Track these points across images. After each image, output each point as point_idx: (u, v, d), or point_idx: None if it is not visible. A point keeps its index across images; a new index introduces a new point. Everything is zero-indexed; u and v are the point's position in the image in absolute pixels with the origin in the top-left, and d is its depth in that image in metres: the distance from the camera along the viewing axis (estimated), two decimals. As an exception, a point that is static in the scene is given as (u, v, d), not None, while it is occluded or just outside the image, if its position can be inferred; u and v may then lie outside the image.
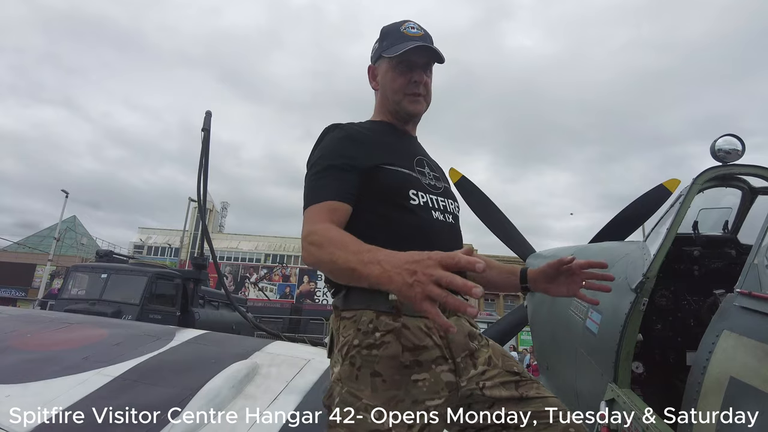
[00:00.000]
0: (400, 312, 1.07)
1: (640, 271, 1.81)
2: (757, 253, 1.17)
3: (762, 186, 2.01)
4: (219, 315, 10.03)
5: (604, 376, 1.84)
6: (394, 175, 1.15)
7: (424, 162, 1.26)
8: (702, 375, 1.15)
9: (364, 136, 1.20)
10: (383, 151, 1.19)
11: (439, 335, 1.09)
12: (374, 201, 1.13)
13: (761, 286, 1.08)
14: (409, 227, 1.12)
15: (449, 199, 1.25)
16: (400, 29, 1.25)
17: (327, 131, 1.23)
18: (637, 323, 1.75)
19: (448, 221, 1.20)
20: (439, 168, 1.35)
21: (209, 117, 6.77)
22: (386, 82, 1.28)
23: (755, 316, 1.06)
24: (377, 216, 1.13)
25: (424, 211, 1.15)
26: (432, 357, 1.06)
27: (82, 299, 7.97)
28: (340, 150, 1.15)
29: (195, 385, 2.01)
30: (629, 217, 3.64)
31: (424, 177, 1.22)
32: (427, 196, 1.17)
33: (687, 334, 2.05)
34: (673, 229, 1.83)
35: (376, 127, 1.29)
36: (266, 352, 2.49)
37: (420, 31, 1.25)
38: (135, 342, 2.61)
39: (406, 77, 1.24)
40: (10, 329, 2.77)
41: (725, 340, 1.12)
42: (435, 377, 1.04)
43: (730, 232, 2.24)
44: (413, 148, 1.29)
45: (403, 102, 1.26)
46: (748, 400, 0.97)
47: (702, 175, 1.93)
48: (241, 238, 38.98)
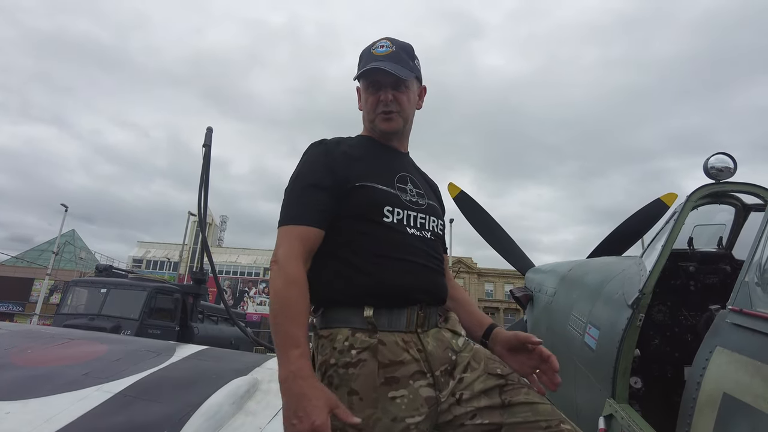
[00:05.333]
0: (376, 328, 1.09)
1: (636, 287, 1.84)
2: (748, 271, 1.20)
3: (755, 203, 2.05)
4: (218, 330, 9.98)
5: (603, 391, 1.85)
6: (370, 193, 1.17)
7: (407, 178, 1.27)
8: (696, 391, 1.17)
9: (344, 154, 1.22)
10: (362, 168, 1.20)
11: (416, 348, 1.10)
12: (351, 218, 1.15)
13: (752, 303, 1.11)
14: (382, 243, 1.14)
15: (431, 216, 1.25)
16: (371, 50, 1.28)
17: (309, 148, 1.26)
18: (633, 339, 1.77)
19: (426, 237, 1.21)
20: (427, 184, 1.36)
21: (210, 133, 6.84)
22: (362, 103, 1.31)
23: (746, 333, 1.08)
24: (354, 232, 1.15)
25: (399, 226, 1.16)
26: (409, 372, 1.06)
27: (81, 314, 7.95)
28: (319, 169, 1.18)
29: (196, 402, 2.00)
30: (627, 232, 3.68)
31: (405, 193, 1.22)
32: (404, 212, 1.18)
33: (684, 348, 2.07)
34: (668, 246, 1.87)
35: (362, 142, 1.31)
36: (266, 368, 2.49)
37: (388, 49, 1.26)
38: (135, 358, 2.61)
39: (376, 97, 1.26)
40: (10, 345, 2.77)
41: (718, 357, 1.14)
42: (413, 393, 1.04)
43: (725, 248, 2.28)
44: (397, 163, 1.30)
45: (375, 121, 1.28)
46: (741, 416, 0.99)
47: (695, 193, 1.97)
48: (240, 252, 38.95)
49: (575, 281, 2.77)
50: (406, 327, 1.11)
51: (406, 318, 1.11)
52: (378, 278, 1.11)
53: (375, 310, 1.09)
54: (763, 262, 1.15)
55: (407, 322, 1.11)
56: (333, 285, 1.12)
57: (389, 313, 1.10)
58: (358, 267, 1.12)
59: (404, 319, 1.11)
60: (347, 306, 1.11)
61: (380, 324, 1.09)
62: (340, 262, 1.13)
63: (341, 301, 1.12)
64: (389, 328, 1.09)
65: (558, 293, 2.88)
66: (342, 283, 1.12)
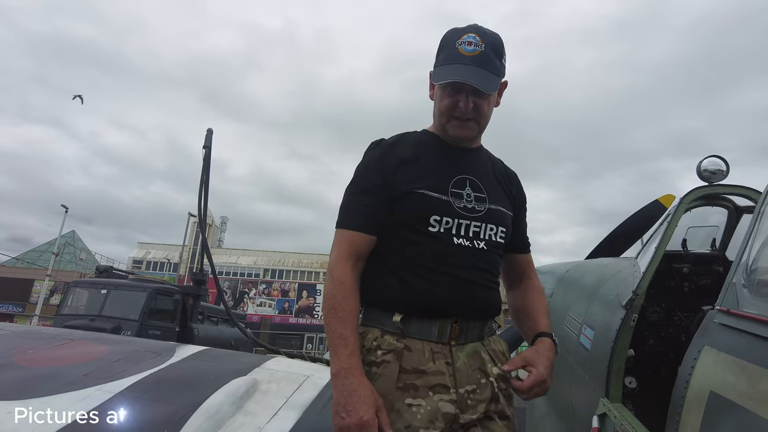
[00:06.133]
0: (405, 333, 1.09)
1: (630, 288, 1.86)
2: (735, 272, 1.22)
3: (746, 205, 2.08)
4: (218, 331, 9.99)
5: (597, 390, 1.88)
6: (418, 201, 1.13)
7: (465, 182, 1.18)
8: (685, 389, 1.20)
9: (397, 157, 1.17)
10: (415, 172, 1.16)
11: (445, 361, 1.08)
12: (398, 224, 1.14)
13: (738, 303, 1.14)
14: (422, 253, 1.12)
15: (489, 223, 1.17)
16: (456, 44, 1.13)
17: (367, 150, 1.23)
18: (627, 339, 1.80)
19: (477, 247, 1.15)
20: (497, 181, 1.26)
21: (210, 135, 6.89)
22: (436, 99, 1.21)
23: (733, 333, 1.11)
24: (399, 240, 1.14)
25: (445, 236, 1.12)
26: (431, 383, 1.04)
27: (81, 315, 7.97)
28: (371, 174, 1.16)
29: (195, 402, 2.02)
30: (624, 233, 3.69)
31: (459, 200, 1.15)
32: (454, 221, 1.13)
33: (678, 349, 2.09)
34: (661, 247, 1.89)
35: (423, 140, 1.24)
36: (265, 369, 2.49)
37: (477, 48, 1.11)
38: (135, 358, 2.62)
39: (453, 100, 1.15)
40: (11, 346, 2.79)
41: (706, 356, 1.17)
42: (432, 405, 1.02)
43: (718, 250, 2.30)
44: (458, 165, 1.20)
45: (447, 125, 1.19)
46: (726, 414, 1.02)
47: (688, 195, 2.00)
48: (240, 253, 38.93)
49: (572, 282, 2.80)
50: (438, 338, 1.10)
51: (438, 329, 1.10)
52: (410, 287, 1.11)
53: (404, 317, 1.10)
54: (750, 263, 1.18)
55: (439, 334, 1.10)
56: (372, 286, 1.15)
57: (419, 322, 1.10)
58: (395, 273, 1.13)
59: (435, 330, 1.10)
60: (381, 308, 1.14)
61: (409, 331, 1.09)
62: (382, 265, 1.15)
63: (377, 302, 1.14)
64: (419, 336, 1.09)
65: (555, 294, 2.90)
66: (379, 285, 1.14)
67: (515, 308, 1.34)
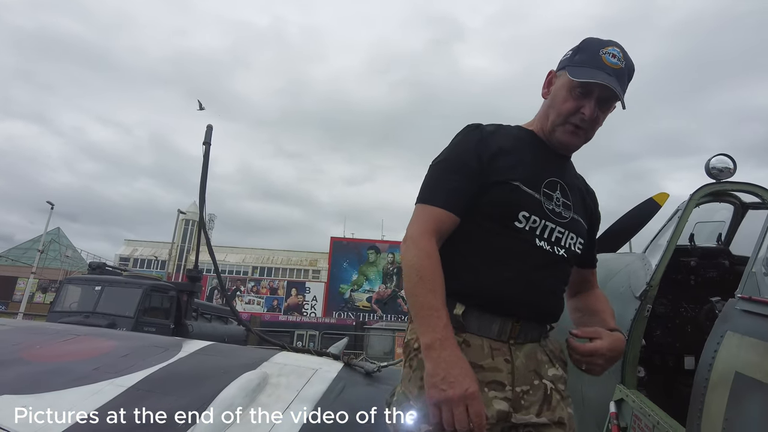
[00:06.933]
0: (463, 327, 1.06)
1: (643, 280, 1.93)
2: (755, 263, 1.29)
3: (753, 201, 2.17)
4: (212, 327, 9.95)
5: (612, 378, 1.94)
6: (511, 194, 1.09)
7: (556, 185, 1.15)
8: (709, 372, 1.27)
9: (498, 146, 1.13)
10: (511, 163, 1.12)
11: (504, 358, 1.05)
12: (483, 214, 1.10)
13: (759, 291, 1.20)
14: (502, 248, 1.08)
15: (572, 231, 1.15)
16: (600, 52, 1.12)
17: (464, 129, 1.18)
18: (641, 328, 1.86)
19: (557, 254, 1.12)
20: (580, 196, 1.23)
21: (210, 131, 6.84)
22: (556, 99, 1.16)
23: (756, 318, 1.17)
24: (479, 229, 1.10)
25: (528, 235, 1.09)
26: (487, 379, 1.02)
27: (75, 312, 7.87)
28: (467, 154, 1.12)
29: (209, 395, 2.03)
30: (620, 230, 3.77)
31: (549, 201, 1.12)
32: (541, 221, 1.10)
33: (685, 339, 2.17)
34: (673, 241, 1.96)
35: (521, 135, 1.21)
36: (274, 362, 2.50)
37: (619, 63, 1.11)
38: (143, 353, 2.62)
39: (577, 104, 1.12)
40: (17, 341, 2.77)
41: (729, 340, 1.24)
42: (486, 401, 0.99)
43: (723, 244, 2.39)
44: (552, 167, 1.18)
45: (559, 128, 1.15)
46: (753, 391, 1.08)
47: (698, 191, 2.08)
48: (228, 250, 38.61)
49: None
50: (497, 335, 1.07)
51: (499, 327, 1.07)
52: (480, 281, 1.07)
53: (466, 309, 1.06)
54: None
55: (499, 331, 1.07)
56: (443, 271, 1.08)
57: (480, 317, 1.07)
58: (469, 263, 1.09)
59: (496, 328, 1.07)
60: (446, 296, 1.06)
61: (469, 326, 1.06)
62: (457, 252, 1.10)
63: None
64: (478, 333, 1.06)
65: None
66: (448, 272, 1.05)
67: (578, 308, 1.31)
